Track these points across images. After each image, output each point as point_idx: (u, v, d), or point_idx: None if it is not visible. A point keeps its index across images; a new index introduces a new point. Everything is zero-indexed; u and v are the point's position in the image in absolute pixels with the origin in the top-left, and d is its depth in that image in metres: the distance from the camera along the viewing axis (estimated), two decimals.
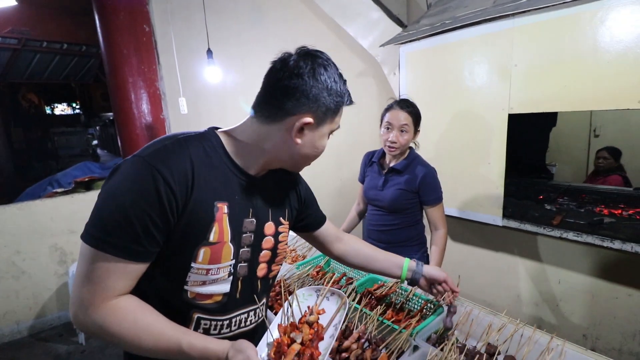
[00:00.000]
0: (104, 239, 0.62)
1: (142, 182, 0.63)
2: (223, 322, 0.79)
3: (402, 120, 1.54)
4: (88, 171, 3.45)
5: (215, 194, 0.72)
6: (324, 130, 0.78)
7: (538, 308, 2.24)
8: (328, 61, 0.76)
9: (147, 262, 0.67)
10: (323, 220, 1.10)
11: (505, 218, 2.05)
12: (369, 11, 2.97)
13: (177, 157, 0.67)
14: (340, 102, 0.77)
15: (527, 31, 1.78)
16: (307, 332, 0.70)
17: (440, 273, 1.14)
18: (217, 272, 0.73)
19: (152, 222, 0.63)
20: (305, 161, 0.82)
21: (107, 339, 0.65)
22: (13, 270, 2.72)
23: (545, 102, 1.77)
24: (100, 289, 0.63)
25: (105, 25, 2.90)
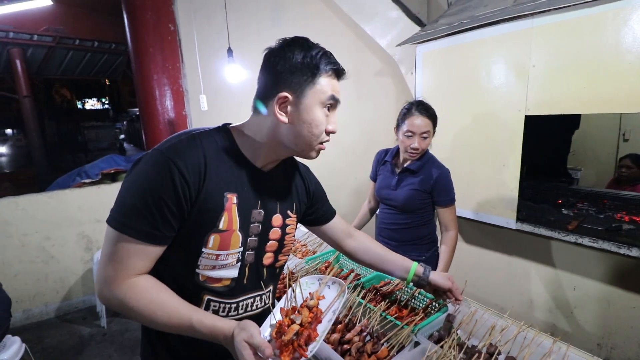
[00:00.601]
0: (126, 223, 0.69)
1: (160, 173, 0.69)
2: (231, 305, 0.84)
3: (423, 127, 1.55)
4: (114, 163, 3.62)
5: (225, 185, 0.77)
6: (308, 102, 0.77)
7: (551, 314, 2.19)
8: (297, 39, 0.79)
9: (163, 245, 0.74)
10: (332, 215, 1.13)
11: (519, 221, 2.02)
12: (388, 10, 2.96)
13: (191, 150, 0.74)
14: (316, 71, 0.76)
15: (546, 31, 1.74)
16: (307, 315, 0.74)
17: (445, 282, 1.14)
18: (226, 257, 0.79)
19: (168, 209, 0.70)
20: (305, 141, 0.80)
21: (127, 313, 0.72)
22: (43, 255, 2.91)
23: (563, 104, 1.73)
24: (122, 267, 0.70)
25: (133, 24, 3.04)
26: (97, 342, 2.65)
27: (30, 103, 7.35)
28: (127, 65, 8.35)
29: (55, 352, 2.56)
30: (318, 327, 0.75)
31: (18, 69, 6.90)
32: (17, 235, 2.79)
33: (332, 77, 0.80)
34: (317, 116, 0.79)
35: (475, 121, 2.16)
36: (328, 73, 0.78)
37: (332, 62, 0.79)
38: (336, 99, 0.81)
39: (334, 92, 0.80)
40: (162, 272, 0.77)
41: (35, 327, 2.87)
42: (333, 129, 0.83)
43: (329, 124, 0.82)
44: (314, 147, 0.83)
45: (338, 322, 1.19)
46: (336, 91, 0.81)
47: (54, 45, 6.77)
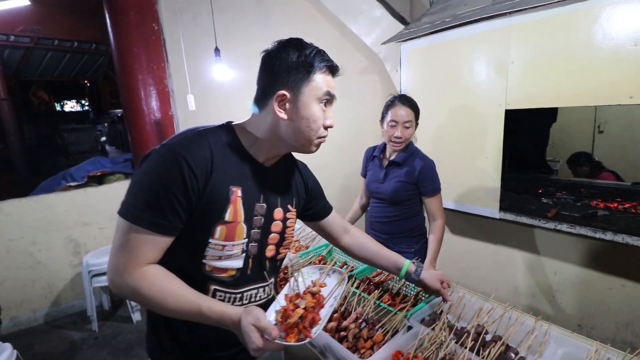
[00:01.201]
0: (137, 214, 0.73)
1: (169, 166, 0.73)
2: (236, 295, 0.88)
3: (405, 116, 1.62)
4: (100, 166, 3.57)
5: (230, 179, 0.81)
6: (304, 98, 0.81)
7: (535, 299, 2.30)
8: (291, 40, 0.84)
9: (172, 236, 0.77)
10: (329, 211, 1.18)
11: (502, 211, 2.11)
12: (372, 9, 3.02)
13: (199, 145, 0.78)
14: (311, 68, 0.81)
15: (523, 29, 1.83)
16: (310, 300, 0.79)
17: (434, 283, 1.19)
18: (232, 248, 0.83)
19: (177, 201, 0.74)
20: (304, 136, 0.84)
21: (138, 300, 0.76)
22: (30, 261, 2.85)
23: (541, 98, 1.82)
24: (133, 256, 0.74)
25: (115, 23, 3.00)
26: (89, 346, 2.62)
27: (8, 106, 7.11)
28: (108, 65, 8.17)
29: (47, 358, 2.52)
30: (321, 311, 0.79)
31: None
32: (2, 241, 2.73)
33: (326, 74, 0.84)
34: (314, 112, 0.83)
35: (458, 116, 2.24)
36: (322, 70, 0.83)
37: (325, 59, 0.83)
38: (331, 94, 0.85)
39: (329, 88, 0.84)
40: (169, 264, 0.80)
41: (23, 334, 2.82)
42: (331, 123, 0.87)
43: (327, 118, 0.86)
44: (313, 142, 0.87)
45: (334, 311, 1.24)
46: (331, 87, 0.85)
47: (31, 46, 6.57)
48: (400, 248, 1.76)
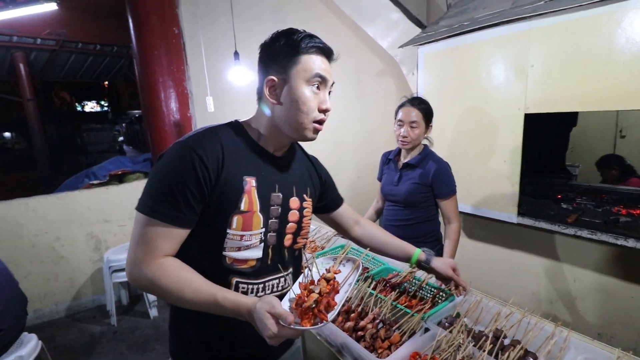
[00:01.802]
0: (153, 207, 0.76)
1: (182, 160, 0.76)
2: (258, 285, 0.89)
3: (412, 116, 1.65)
4: (121, 165, 3.68)
5: (243, 170, 0.83)
6: (294, 81, 0.81)
7: (553, 306, 2.26)
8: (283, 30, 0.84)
9: (187, 228, 0.80)
10: (341, 202, 1.19)
11: (520, 216, 2.08)
12: (389, 12, 3.03)
13: (210, 140, 0.81)
14: (296, 50, 0.81)
15: (543, 33, 1.81)
16: (325, 286, 0.79)
17: (446, 270, 1.19)
18: (250, 238, 0.84)
19: (191, 193, 0.76)
20: (296, 119, 0.83)
21: (155, 291, 0.78)
22: (53, 256, 2.96)
23: (561, 102, 1.80)
24: (150, 249, 0.76)
25: (138, 27, 3.09)
26: (108, 339, 2.70)
27: (34, 106, 7.39)
28: (128, 67, 8.39)
29: (68, 350, 2.61)
30: (336, 297, 0.79)
31: (22, 73, 6.93)
32: (28, 236, 2.84)
33: (316, 55, 0.83)
34: (304, 94, 0.82)
35: (475, 119, 2.23)
36: (310, 51, 0.82)
37: (313, 41, 0.82)
38: (322, 76, 0.83)
39: (319, 70, 0.82)
40: (191, 261, 0.81)
41: (46, 326, 2.92)
42: (326, 107, 0.85)
43: (321, 102, 0.85)
44: (308, 126, 0.85)
45: (351, 311, 1.26)
46: (322, 69, 0.83)
47: (56, 49, 6.81)
48: None
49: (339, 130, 3.50)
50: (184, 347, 0.94)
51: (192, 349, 0.93)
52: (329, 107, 0.86)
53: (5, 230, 2.75)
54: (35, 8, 4.43)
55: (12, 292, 1.77)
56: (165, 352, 2.50)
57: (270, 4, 3.23)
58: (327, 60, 0.86)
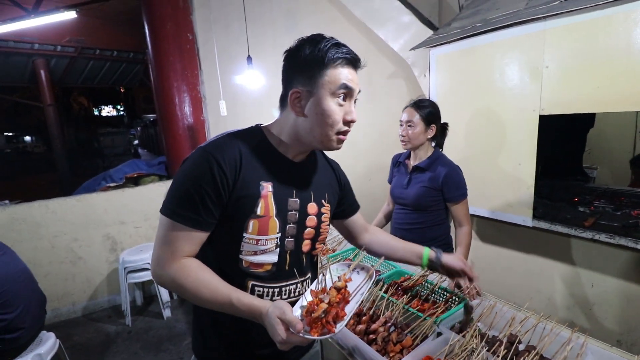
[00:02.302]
0: (175, 210, 0.79)
1: (201, 165, 0.79)
2: (274, 289, 0.90)
3: (407, 116, 1.70)
4: (137, 168, 3.77)
5: (260, 175, 0.85)
6: (320, 94, 0.81)
7: (570, 311, 2.20)
8: (310, 36, 0.83)
9: (206, 231, 0.82)
10: (357, 208, 1.20)
11: (536, 219, 2.04)
12: (400, 15, 3.03)
13: (229, 146, 0.83)
14: (322, 62, 0.79)
15: (559, 33, 1.78)
16: (335, 295, 0.78)
17: (457, 263, 1.17)
18: (266, 243, 0.85)
19: (208, 196, 0.79)
20: (321, 132, 0.83)
21: (177, 290, 0.81)
22: (71, 256, 3.04)
23: (578, 104, 1.76)
24: (171, 250, 0.80)
25: (153, 33, 3.17)
26: (123, 339, 2.76)
27: (53, 111, 7.64)
28: (144, 73, 8.60)
29: (84, 349, 2.67)
30: (346, 307, 0.79)
31: (42, 79, 7.19)
32: (48, 237, 2.93)
33: (343, 66, 0.81)
34: (329, 107, 0.81)
35: (489, 121, 2.20)
36: (337, 62, 0.80)
37: (340, 51, 0.81)
38: (349, 87, 0.82)
39: (346, 81, 0.81)
40: (210, 264, 0.84)
41: (63, 325, 3.00)
42: (351, 118, 0.85)
43: (346, 113, 0.84)
44: (332, 137, 0.85)
45: (362, 314, 1.25)
46: (349, 79, 0.82)
47: (75, 56, 7.04)
48: None
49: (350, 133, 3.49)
50: (204, 345, 0.97)
51: (212, 348, 0.95)
52: (355, 118, 0.86)
53: (26, 231, 2.85)
54: (56, 16, 4.58)
55: (33, 292, 1.83)
56: (178, 353, 2.54)
57: (282, 9, 3.27)
58: (354, 70, 0.84)
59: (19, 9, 4.97)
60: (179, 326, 2.87)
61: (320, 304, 0.76)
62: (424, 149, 1.74)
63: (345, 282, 0.84)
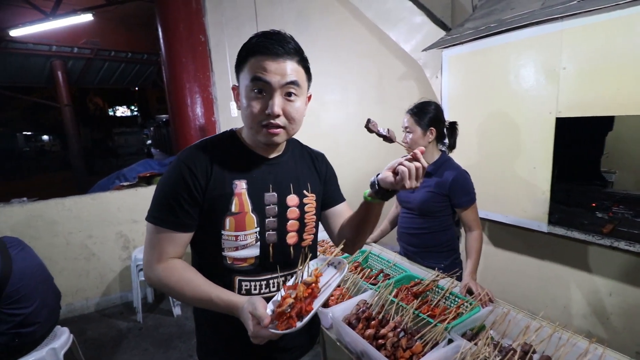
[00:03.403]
0: (155, 216, 0.86)
1: (174, 173, 0.86)
2: (261, 282, 0.92)
3: (404, 122, 1.70)
4: (149, 167, 3.82)
5: (233, 174, 0.89)
6: (240, 88, 0.86)
7: (586, 320, 2.13)
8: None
9: (187, 232, 0.87)
10: (339, 200, 1.08)
11: (551, 225, 1.99)
12: (412, 16, 3.00)
13: (199, 152, 0.88)
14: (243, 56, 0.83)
15: (576, 33, 1.73)
16: (302, 290, 0.80)
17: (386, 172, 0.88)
18: (245, 238, 0.89)
19: (183, 199, 0.84)
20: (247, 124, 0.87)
21: (164, 290, 0.86)
22: (85, 253, 3.10)
23: (596, 106, 1.71)
24: (157, 252, 0.86)
25: (166, 35, 3.22)
26: (134, 335, 2.80)
27: (70, 111, 7.84)
28: (157, 74, 8.74)
29: (96, 344, 2.72)
30: (315, 301, 0.80)
31: (59, 80, 7.39)
32: (63, 234, 3.00)
33: (257, 56, 0.79)
34: (248, 101, 0.83)
35: (504, 124, 2.15)
36: (252, 53, 0.81)
37: (256, 40, 0.81)
38: (260, 79, 0.79)
39: (258, 73, 0.79)
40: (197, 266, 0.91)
41: (77, 320, 3.06)
42: (269, 111, 0.80)
43: (266, 107, 0.80)
44: (258, 130, 0.84)
45: (372, 318, 1.24)
46: (266, 70, 0.78)
47: (92, 57, 7.21)
48: (429, 263, 1.69)
49: (358, 134, 3.48)
50: (203, 345, 1.00)
51: (211, 349, 0.98)
52: (275, 111, 0.80)
53: (42, 228, 2.92)
54: (73, 19, 4.72)
55: (48, 287, 1.87)
56: (187, 351, 2.56)
57: (294, 11, 3.28)
58: (278, 59, 0.79)
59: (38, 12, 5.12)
60: (189, 324, 2.89)
61: (286, 299, 0.78)
62: (429, 152, 1.69)
63: (317, 277, 0.85)
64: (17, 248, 1.74)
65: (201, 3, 3.11)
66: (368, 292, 1.42)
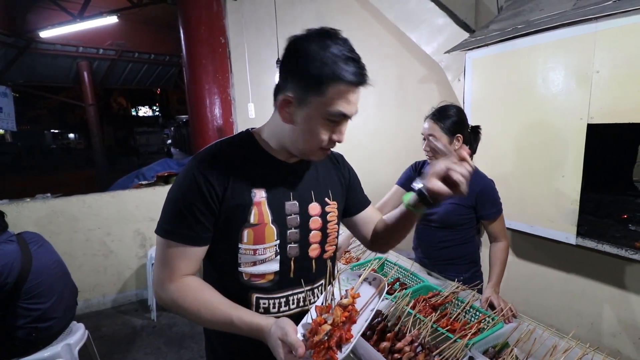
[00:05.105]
0: (167, 229, 0.77)
1: (187, 181, 0.77)
2: (280, 299, 0.85)
3: (427, 130, 1.54)
4: (167, 167, 3.89)
5: (251, 182, 0.81)
6: (309, 112, 0.73)
7: (615, 339, 2.01)
8: (320, 33, 0.72)
9: (202, 246, 0.80)
10: (366, 204, 1.06)
11: (580, 237, 1.88)
12: (435, 17, 2.93)
13: (216, 156, 0.80)
14: (323, 80, 0.69)
15: (611, 35, 1.63)
16: (339, 315, 0.70)
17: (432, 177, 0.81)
18: (264, 252, 0.82)
19: (199, 211, 0.76)
20: (304, 145, 0.78)
21: (178, 311, 0.78)
22: (104, 250, 3.17)
23: (632, 112, 1.60)
24: (169, 269, 0.78)
25: (188, 37, 3.26)
26: (148, 333, 2.83)
27: (94, 110, 8.10)
28: (178, 75, 8.93)
29: (111, 340, 2.76)
30: (353, 327, 0.72)
31: (85, 80, 7.66)
32: (83, 230, 3.07)
33: (347, 88, 0.71)
34: (317, 129, 0.75)
35: (530, 130, 2.06)
36: (341, 83, 0.70)
37: (349, 69, 0.70)
38: (345, 115, 0.74)
39: (344, 109, 0.72)
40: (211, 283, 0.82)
41: (93, 315, 3.12)
42: (338, 139, 0.78)
43: (335, 133, 0.77)
44: (315, 152, 0.81)
45: (387, 330, 1.19)
46: (348, 106, 0.73)
47: (116, 58, 7.44)
48: (447, 275, 1.60)
49: (376, 138, 3.43)
50: (213, 356, 0.96)
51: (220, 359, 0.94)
52: (342, 140, 0.79)
53: (63, 224, 2.99)
54: (99, 21, 4.87)
55: (66, 284, 1.90)
56: (199, 351, 2.56)
57: (313, 12, 3.27)
58: (358, 90, 0.74)
59: (66, 14, 5.31)
60: None
61: (322, 325, 0.69)
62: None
63: (353, 297, 0.75)
64: (37, 244, 1.78)
65: (222, 5, 3.14)
66: (384, 301, 1.37)
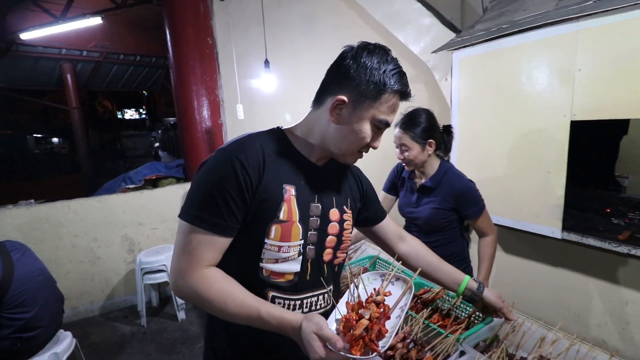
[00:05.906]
0: (196, 215, 0.74)
1: (223, 166, 0.75)
2: (295, 301, 0.85)
3: (397, 140, 1.54)
4: (155, 170, 3.82)
5: (283, 178, 0.81)
6: (361, 113, 0.78)
7: (601, 330, 2.06)
8: (378, 49, 0.79)
9: (229, 236, 0.78)
10: (383, 216, 1.11)
11: (565, 231, 1.93)
12: (421, 17, 2.97)
13: (251, 146, 0.79)
14: (381, 88, 0.77)
15: (592, 34, 1.68)
16: (375, 310, 0.73)
17: (497, 301, 1.09)
18: (288, 250, 0.81)
19: (232, 199, 0.74)
20: (347, 146, 0.82)
21: (199, 303, 0.75)
22: (90, 256, 3.09)
23: (613, 109, 1.65)
24: (193, 258, 0.75)
25: (174, 38, 3.22)
26: (138, 340, 2.77)
27: (79, 114, 7.93)
28: (165, 77, 8.82)
29: (100, 348, 2.70)
30: (387, 323, 0.74)
31: (69, 83, 7.49)
32: (68, 237, 2.99)
33: (396, 98, 0.80)
34: (366, 129, 0.80)
35: (516, 127, 2.10)
36: (393, 94, 0.79)
37: (402, 83, 0.79)
38: (389, 124, 0.82)
39: (388, 117, 0.81)
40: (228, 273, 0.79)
41: (81, 323, 3.05)
42: (375, 145, 0.84)
43: (373, 139, 0.83)
44: (354, 154, 0.85)
45: None
46: (393, 112, 0.82)
47: (100, 60, 7.29)
48: None
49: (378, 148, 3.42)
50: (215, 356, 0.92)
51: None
52: (377, 147, 0.86)
53: (48, 230, 2.91)
54: (83, 22, 4.76)
55: (51, 292, 1.85)
56: (191, 356, 2.53)
57: (301, 13, 3.27)
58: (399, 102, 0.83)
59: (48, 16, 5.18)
60: (193, 329, 2.87)
61: (360, 320, 0.70)
62: (429, 165, 1.58)
63: (385, 295, 0.78)
64: (19, 252, 1.73)
65: (209, 5, 3.11)
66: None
